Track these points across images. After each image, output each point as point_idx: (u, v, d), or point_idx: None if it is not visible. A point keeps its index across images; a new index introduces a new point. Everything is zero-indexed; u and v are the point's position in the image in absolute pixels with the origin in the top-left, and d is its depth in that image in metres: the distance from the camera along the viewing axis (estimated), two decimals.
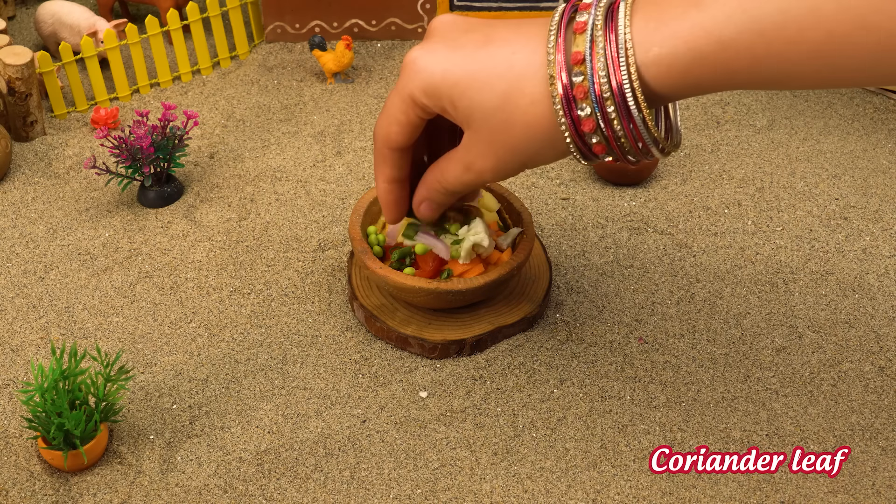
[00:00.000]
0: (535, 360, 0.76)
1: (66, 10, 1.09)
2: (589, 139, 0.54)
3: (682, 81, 0.51)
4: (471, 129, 0.58)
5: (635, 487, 0.67)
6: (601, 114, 0.53)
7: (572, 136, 0.54)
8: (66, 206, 0.91)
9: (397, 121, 0.61)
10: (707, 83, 0.51)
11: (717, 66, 0.49)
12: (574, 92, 0.53)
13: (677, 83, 0.51)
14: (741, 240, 0.87)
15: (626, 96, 0.52)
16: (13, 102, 0.96)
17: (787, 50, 0.47)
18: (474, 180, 0.61)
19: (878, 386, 0.74)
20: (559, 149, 0.56)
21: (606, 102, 0.52)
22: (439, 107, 0.58)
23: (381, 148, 0.63)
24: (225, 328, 0.79)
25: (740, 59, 0.48)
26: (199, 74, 1.10)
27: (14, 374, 0.75)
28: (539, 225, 0.89)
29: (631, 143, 0.54)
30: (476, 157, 0.59)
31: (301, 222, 0.89)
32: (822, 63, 0.47)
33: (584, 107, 0.53)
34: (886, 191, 0.93)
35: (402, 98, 0.59)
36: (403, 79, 0.59)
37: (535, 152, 0.57)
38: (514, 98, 0.55)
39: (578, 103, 0.53)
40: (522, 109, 0.55)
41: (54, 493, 0.66)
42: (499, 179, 0.60)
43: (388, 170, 0.65)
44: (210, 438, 0.70)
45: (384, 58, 1.12)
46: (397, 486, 0.67)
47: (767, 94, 1.06)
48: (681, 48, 0.50)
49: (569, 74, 0.53)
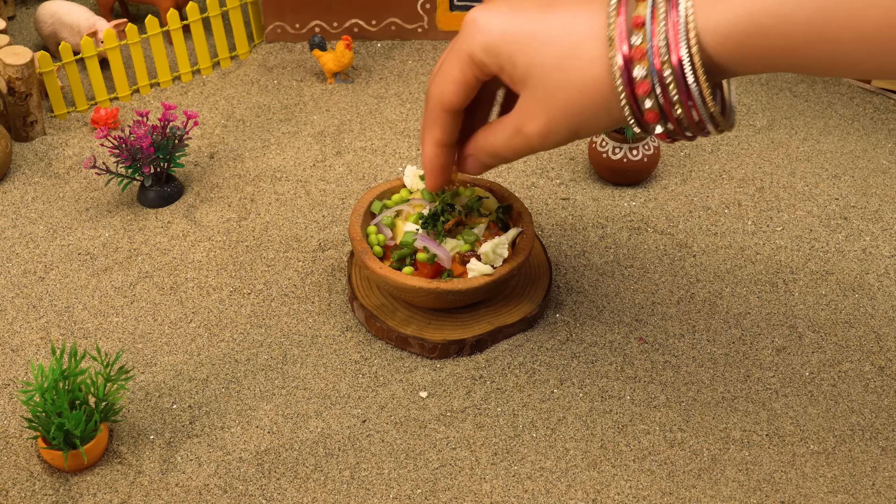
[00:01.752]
0: (535, 360, 0.76)
1: (66, 10, 1.09)
2: (642, 102, 0.54)
3: (739, 53, 0.51)
4: (527, 88, 0.57)
5: (635, 487, 0.67)
6: (658, 78, 0.53)
7: (628, 99, 0.54)
8: (66, 206, 0.91)
9: (454, 79, 0.60)
10: (764, 58, 0.51)
11: (775, 39, 0.50)
12: (632, 53, 0.53)
13: (734, 54, 0.51)
14: (741, 240, 0.87)
15: (684, 63, 0.52)
16: (13, 102, 0.96)
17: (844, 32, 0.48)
18: (522, 145, 0.60)
19: (878, 386, 0.74)
20: (613, 114, 0.56)
21: (664, 66, 0.52)
22: (497, 65, 0.58)
23: (433, 108, 0.62)
24: (225, 328, 0.79)
25: (797, 34, 0.49)
26: (199, 74, 1.10)
27: (14, 374, 0.75)
28: (539, 225, 0.89)
29: (686, 112, 0.54)
30: (528, 118, 0.58)
31: (301, 222, 0.89)
32: (876, 48, 0.48)
33: (641, 69, 0.53)
34: (886, 191, 0.93)
35: (460, 57, 0.59)
36: (462, 37, 0.59)
37: (589, 116, 0.57)
38: (573, 58, 0.55)
39: (635, 65, 0.53)
40: (580, 70, 0.55)
41: (54, 493, 0.66)
42: (547, 147, 0.60)
43: (438, 132, 0.63)
44: (210, 438, 0.70)
45: (384, 58, 1.12)
46: (397, 486, 0.67)
47: (767, 94, 1.06)
48: (741, 17, 0.50)
49: (628, 37, 0.53)
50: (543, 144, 0.60)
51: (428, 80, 0.59)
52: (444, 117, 0.63)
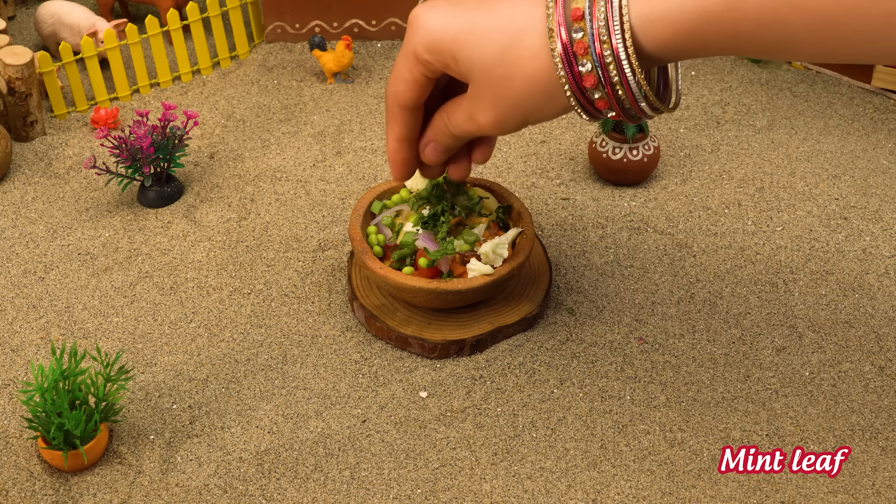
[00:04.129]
0: (535, 360, 0.76)
1: (66, 10, 1.09)
2: (591, 95, 0.55)
3: (687, 41, 0.51)
4: (472, 82, 0.58)
5: (635, 487, 0.67)
6: (602, 71, 0.53)
7: (573, 91, 0.54)
8: (66, 206, 0.91)
9: (403, 79, 0.61)
10: (712, 44, 0.51)
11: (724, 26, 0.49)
12: (574, 48, 0.53)
13: (681, 43, 0.51)
14: (741, 240, 0.87)
15: (620, 56, 0.52)
16: (13, 102, 0.96)
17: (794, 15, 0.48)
18: (476, 131, 0.61)
19: (878, 386, 0.74)
20: (559, 103, 0.56)
21: (607, 60, 0.53)
22: (441, 62, 0.58)
23: (391, 106, 0.63)
24: (225, 328, 0.79)
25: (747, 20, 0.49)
26: (199, 74, 1.10)
27: (14, 374, 0.75)
28: (539, 225, 0.89)
29: (631, 101, 0.54)
30: (478, 109, 0.59)
31: (301, 222, 0.89)
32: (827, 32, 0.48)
33: (585, 62, 0.53)
34: (886, 191, 0.93)
35: (406, 56, 0.60)
36: (407, 37, 0.59)
37: (534, 107, 0.57)
38: (514, 51, 0.55)
39: (580, 59, 0.53)
40: (522, 63, 0.55)
41: (54, 493, 0.66)
42: (502, 133, 0.60)
43: (397, 128, 0.64)
44: (210, 438, 0.70)
45: (384, 58, 1.12)
46: (397, 486, 0.67)
47: (767, 94, 1.06)
48: (687, 6, 0.50)
49: (568, 30, 0.53)
50: (498, 131, 0.60)
51: None
52: (401, 114, 0.63)
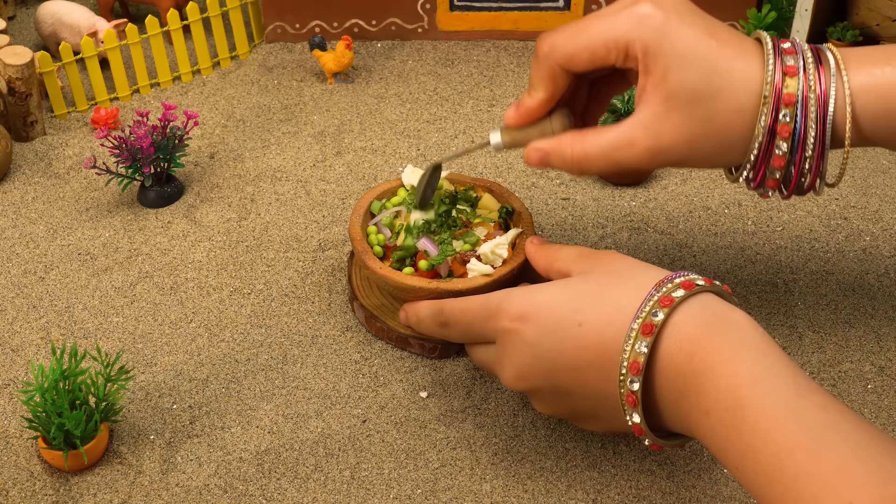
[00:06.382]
0: None
1: (66, 10, 1.09)
2: (772, 173, 0.57)
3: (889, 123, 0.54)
4: (666, 104, 0.57)
5: (635, 487, 0.67)
6: (798, 157, 0.56)
7: (756, 164, 0.57)
8: (66, 206, 0.91)
9: (591, 48, 0.58)
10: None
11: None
12: (778, 128, 0.55)
13: (885, 126, 0.55)
14: (741, 240, 0.87)
15: (826, 141, 0.55)
16: (13, 102, 0.96)
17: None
18: (626, 159, 0.59)
19: (878, 386, 0.74)
20: (729, 159, 0.58)
21: (807, 146, 0.56)
22: (646, 66, 0.57)
23: (552, 65, 0.60)
24: (225, 328, 0.79)
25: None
26: (200, 74, 1.10)
27: (14, 374, 0.75)
28: (539, 225, 0.89)
29: (812, 179, 0.58)
30: (649, 134, 0.58)
31: (301, 222, 0.89)
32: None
33: (782, 144, 0.56)
34: (886, 191, 0.93)
35: (615, 35, 0.57)
36: (624, 17, 0.57)
37: (708, 154, 0.58)
38: (724, 97, 0.56)
39: (777, 140, 0.56)
40: (726, 112, 0.56)
41: (54, 493, 0.66)
42: (645, 166, 0.60)
43: (550, 88, 0.61)
44: (210, 438, 0.70)
45: (384, 58, 1.12)
46: (397, 486, 0.67)
47: None
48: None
49: (777, 110, 0.55)
50: (651, 163, 0.59)
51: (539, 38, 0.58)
52: (564, 77, 0.61)
